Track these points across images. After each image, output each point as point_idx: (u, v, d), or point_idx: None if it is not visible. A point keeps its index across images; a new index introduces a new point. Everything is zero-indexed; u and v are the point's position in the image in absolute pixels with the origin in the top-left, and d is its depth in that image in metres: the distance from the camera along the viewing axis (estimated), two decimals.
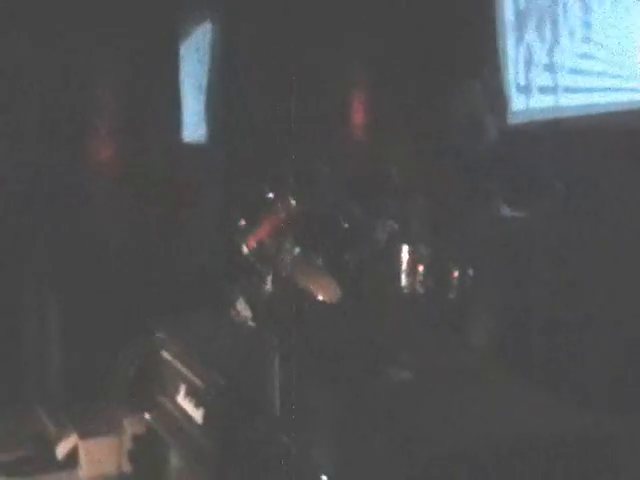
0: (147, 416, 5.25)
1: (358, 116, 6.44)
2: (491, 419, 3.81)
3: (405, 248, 5.12)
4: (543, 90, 5.63)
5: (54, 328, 6.27)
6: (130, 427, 5.60)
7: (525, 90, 5.76)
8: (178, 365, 5.09)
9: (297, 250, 5.16)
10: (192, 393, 4.92)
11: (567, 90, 5.50)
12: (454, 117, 5.38)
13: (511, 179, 5.15)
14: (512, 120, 5.72)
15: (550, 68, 5.59)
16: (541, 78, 5.62)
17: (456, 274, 5.05)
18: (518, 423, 3.76)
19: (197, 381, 4.88)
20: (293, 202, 5.23)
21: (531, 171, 5.19)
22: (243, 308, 5.11)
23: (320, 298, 5.07)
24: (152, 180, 6.37)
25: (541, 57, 5.65)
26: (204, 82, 6.68)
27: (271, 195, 5.26)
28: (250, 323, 5.04)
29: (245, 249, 5.22)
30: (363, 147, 6.02)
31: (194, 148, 6.69)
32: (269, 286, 5.14)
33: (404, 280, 5.12)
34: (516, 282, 5.18)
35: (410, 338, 4.77)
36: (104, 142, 6.43)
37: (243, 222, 5.24)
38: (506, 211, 5.19)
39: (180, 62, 6.69)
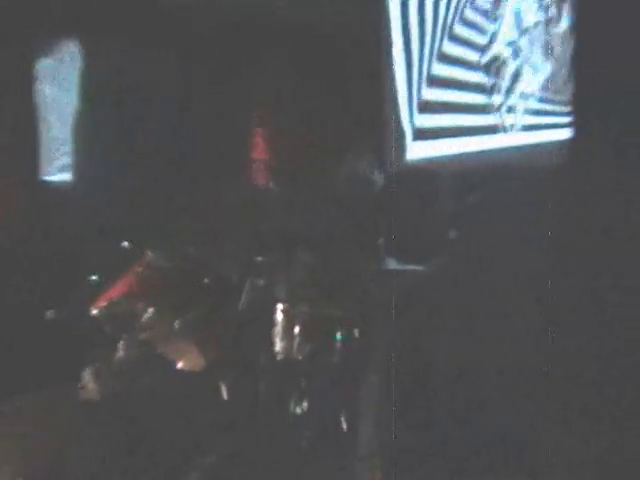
0: None
1: (241, 159, 5.63)
2: None
3: (280, 307, 4.78)
4: (443, 133, 5.32)
5: None
6: None
7: (421, 134, 5.36)
8: None
9: (153, 311, 4.75)
10: None
11: (473, 131, 5.27)
12: (338, 171, 4.96)
13: (399, 230, 4.85)
14: (404, 166, 5.29)
15: (452, 106, 5.28)
16: (441, 118, 5.34)
17: (339, 335, 4.78)
18: None
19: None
20: (150, 254, 4.80)
21: (421, 220, 5.00)
22: (89, 380, 4.70)
23: (180, 366, 4.75)
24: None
25: (443, 93, 5.32)
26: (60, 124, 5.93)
27: (126, 245, 4.76)
28: (96, 397, 4.66)
29: (94, 310, 4.74)
30: (238, 195, 5.38)
31: (47, 189, 5.93)
32: (121, 353, 4.75)
33: (278, 344, 4.79)
34: (407, 341, 4.91)
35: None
36: None
37: (93, 277, 4.76)
38: (393, 264, 4.90)
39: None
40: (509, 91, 5.23)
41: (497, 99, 5.25)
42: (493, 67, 5.37)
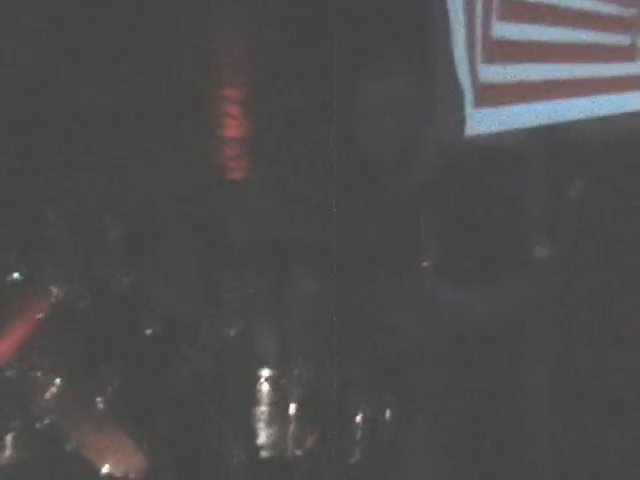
0: None
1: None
2: None
3: (266, 373, 3.72)
4: (527, 93, 4.16)
5: None
6: None
7: (490, 95, 4.22)
8: None
9: (61, 380, 3.75)
10: None
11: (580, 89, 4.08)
12: (360, 129, 3.87)
13: (460, 237, 3.75)
14: (461, 146, 4.18)
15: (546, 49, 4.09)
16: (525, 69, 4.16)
17: (360, 418, 3.68)
18: None
19: None
20: (55, 289, 3.86)
21: (494, 224, 3.82)
22: None
23: (105, 472, 3.75)
24: None
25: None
26: None
27: (17, 276, 3.92)
28: None
29: None
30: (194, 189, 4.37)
31: None
32: (9, 451, 3.79)
33: (263, 433, 3.71)
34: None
35: None
36: None
37: None
38: (449, 294, 3.77)
39: None
40: None
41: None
42: None
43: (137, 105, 4.61)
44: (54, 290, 3.81)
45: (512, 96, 4.29)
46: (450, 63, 4.25)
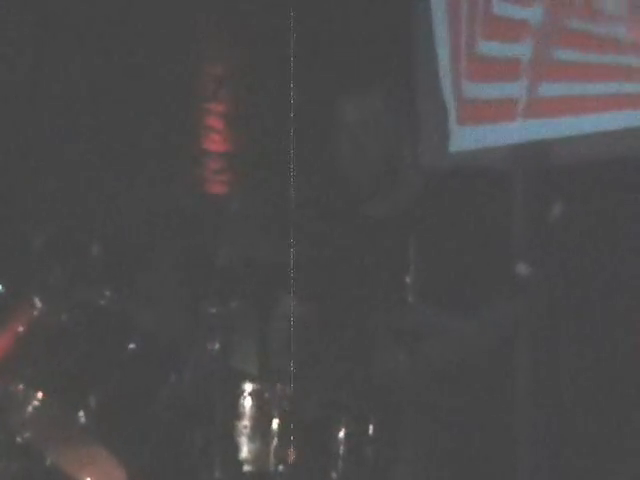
0: None
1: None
2: None
3: (249, 388, 3.62)
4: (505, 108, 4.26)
5: None
6: None
7: (473, 112, 4.35)
8: None
9: (42, 395, 3.62)
10: None
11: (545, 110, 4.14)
12: (341, 147, 3.84)
13: (441, 260, 3.70)
14: (445, 162, 4.39)
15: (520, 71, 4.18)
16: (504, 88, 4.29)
17: (342, 433, 3.60)
18: None
19: None
20: (38, 303, 3.77)
21: (476, 246, 3.74)
22: None
23: None
24: None
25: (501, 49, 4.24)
26: None
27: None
28: None
29: None
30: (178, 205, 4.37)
31: None
32: None
33: (245, 448, 3.60)
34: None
35: None
36: None
37: None
38: (430, 319, 3.68)
39: None
40: None
41: None
42: None
43: (120, 127, 4.70)
44: (35, 307, 3.62)
45: (496, 113, 4.38)
46: (434, 80, 4.32)
